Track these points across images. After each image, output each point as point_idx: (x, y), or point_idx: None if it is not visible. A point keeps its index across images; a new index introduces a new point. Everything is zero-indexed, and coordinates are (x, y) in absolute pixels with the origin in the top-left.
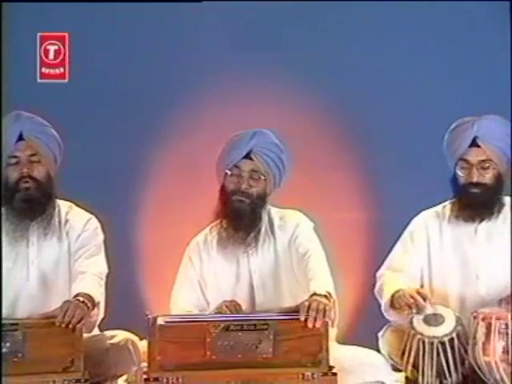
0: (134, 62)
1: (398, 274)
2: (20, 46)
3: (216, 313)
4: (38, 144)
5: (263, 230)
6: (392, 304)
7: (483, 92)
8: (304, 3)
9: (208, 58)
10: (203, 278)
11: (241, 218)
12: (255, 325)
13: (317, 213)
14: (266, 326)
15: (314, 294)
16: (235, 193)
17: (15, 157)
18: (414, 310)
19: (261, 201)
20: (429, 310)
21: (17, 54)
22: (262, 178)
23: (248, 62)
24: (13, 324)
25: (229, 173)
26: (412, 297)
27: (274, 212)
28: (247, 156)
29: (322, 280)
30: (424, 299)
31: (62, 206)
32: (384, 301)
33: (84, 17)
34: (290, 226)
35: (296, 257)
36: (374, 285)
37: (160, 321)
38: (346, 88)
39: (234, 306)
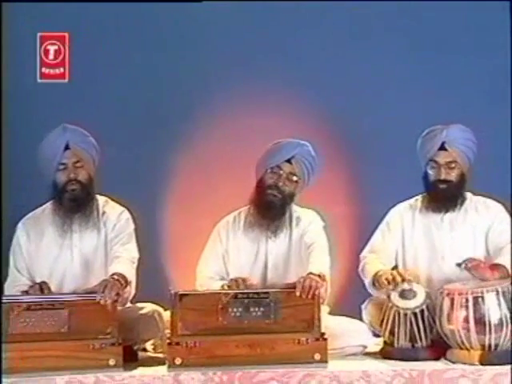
0: (133, 62)
1: (377, 255)
2: (20, 45)
3: (228, 286)
4: (81, 152)
5: (284, 222)
6: (374, 281)
7: (483, 92)
8: (303, 3)
9: (207, 57)
10: (227, 252)
11: (270, 209)
12: (258, 293)
13: (311, 207)
14: (267, 295)
15: (310, 273)
16: (271, 187)
17: (63, 164)
18: (391, 287)
19: (289, 199)
20: (404, 286)
21: (17, 54)
22: (295, 179)
23: (247, 63)
24: (60, 303)
25: (269, 170)
26: (392, 275)
27: (295, 209)
28: (288, 160)
29: (319, 264)
30: (402, 278)
31: (100, 200)
32: (367, 279)
33: (84, 17)
34: (305, 222)
35: (304, 247)
36: (357, 266)
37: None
38: (337, 99)
39: (239, 281)
